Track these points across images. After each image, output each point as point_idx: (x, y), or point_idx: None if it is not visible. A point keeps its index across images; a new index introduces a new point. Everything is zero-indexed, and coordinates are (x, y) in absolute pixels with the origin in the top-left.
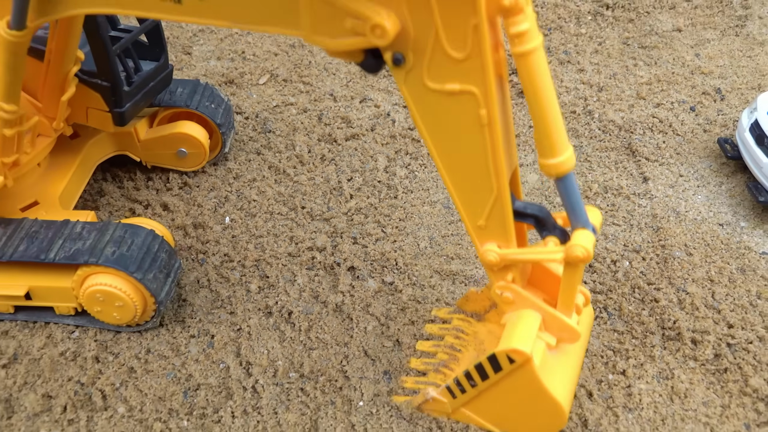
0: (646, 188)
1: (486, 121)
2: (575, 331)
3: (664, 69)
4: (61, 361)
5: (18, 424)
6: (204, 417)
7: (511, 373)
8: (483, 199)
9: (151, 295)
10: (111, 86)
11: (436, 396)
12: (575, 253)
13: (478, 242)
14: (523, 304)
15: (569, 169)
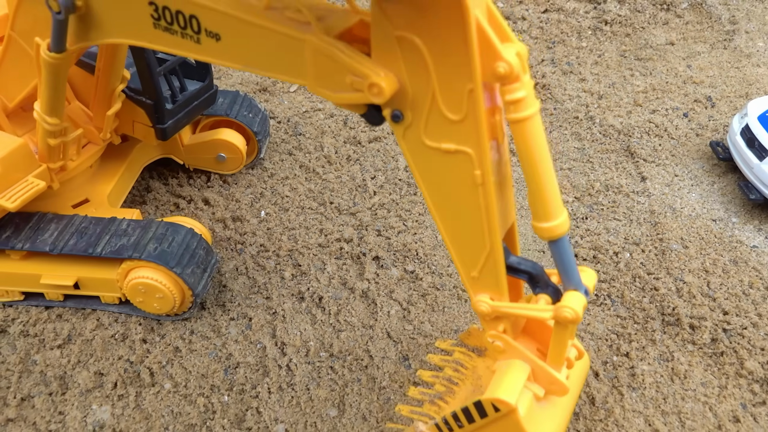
0: (644, 187)
1: (480, 181)
2: (563, 386)
3: (659, 79)
4: (111, 341)
5: (71, 399)
6: (243, 392)
7: (496, 420)
8: (476, 253)
9: (189, 289)
10: (154, 104)
11: (425, 431)
12: (563, 314)
13: (471, 292)
14: (513, 355)
15: (563, 233)
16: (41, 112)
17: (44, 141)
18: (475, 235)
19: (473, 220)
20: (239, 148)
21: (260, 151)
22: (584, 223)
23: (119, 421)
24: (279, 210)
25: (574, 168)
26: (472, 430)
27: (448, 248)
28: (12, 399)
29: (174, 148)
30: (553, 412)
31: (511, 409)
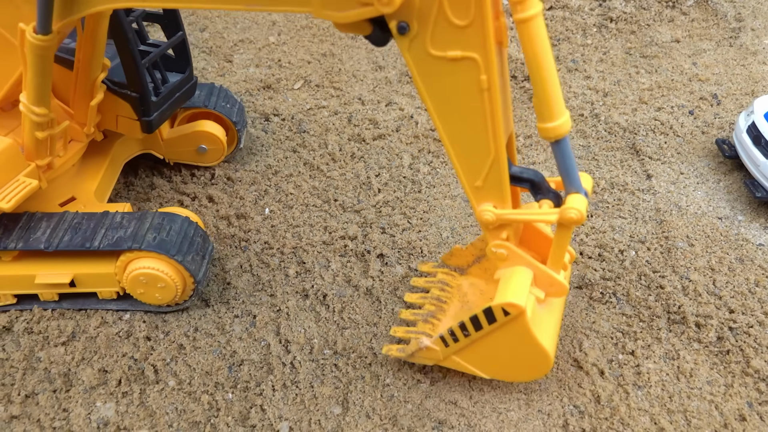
0: (649, 185)
1: (486, 86)
2: (564, 286)
3: (664, 76)
4: (115, 339)
5: (75, 396)
6: (247, 390)
7: (504, 325)
8: (481, 161)
9: (190, 276)
10: (140, 97)
11: (429, 345)
12: (569, 215)
13: (475, 202)
14: (516, 261)
15: (565, 133)
16: (28, 103)
17: (32, 135)
18: (480, 142)
19: (478, 127)
20: (220, 138)
21: (239, 140)
22: (589, 220)
23: (123, 418)
24: (283, 207)
25: (580, 165)
26: (478, 337)
27: (452, 160)
28: (16, 396)
29: (154, 143)
30: (550, 313)
31: (520, 311)
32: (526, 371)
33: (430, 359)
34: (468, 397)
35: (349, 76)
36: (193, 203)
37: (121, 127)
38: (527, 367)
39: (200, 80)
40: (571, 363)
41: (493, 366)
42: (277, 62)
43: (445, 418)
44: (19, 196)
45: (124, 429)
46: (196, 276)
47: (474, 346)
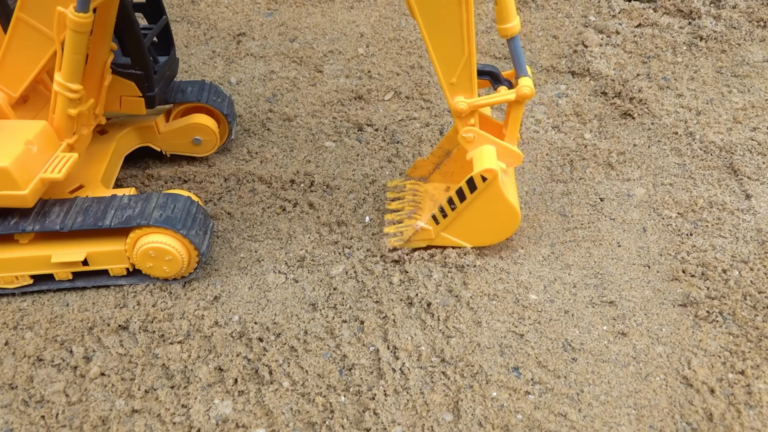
0: (749, 204)
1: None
2: (519, 155)
3: (758, 96)
4: (229, 338)
5: (194, 393)
6: (359, 394)
7: (482, 191)
8: (456, 61)
9: (194, 248)
10: (144, 74)
11: (424, 226)
12: (524, 92)
13: (449, 96)
14: (482, 141)
15: (516, 32)
16: (65, 81)
17: (64, 113)
18: (457, 46)
19: (457, 33)
20: (213, 130)
21: (230, 132)
22: (689, 239)
23: (241, 416)
24: (382, 216)
25: (676, 184)
26: (462, 208)
27: (434, 64)
28: (137, 390)
29: (152, 137)
30: (511, 180)
31: (494, 174)
32: (501, 230)
33: (424, 240)
34: (577, 410)
35: (438, 88)
36: (295, 209)
37: (125, 107)
38: (502, 226)
39: (292, 89)
40: (681, 380)
41: (475, 234)
42: (367, 73)
43: (556, 430)
44: (67, 166)
45: (243, 426)
46: (200, 248)
47: (459, 219)
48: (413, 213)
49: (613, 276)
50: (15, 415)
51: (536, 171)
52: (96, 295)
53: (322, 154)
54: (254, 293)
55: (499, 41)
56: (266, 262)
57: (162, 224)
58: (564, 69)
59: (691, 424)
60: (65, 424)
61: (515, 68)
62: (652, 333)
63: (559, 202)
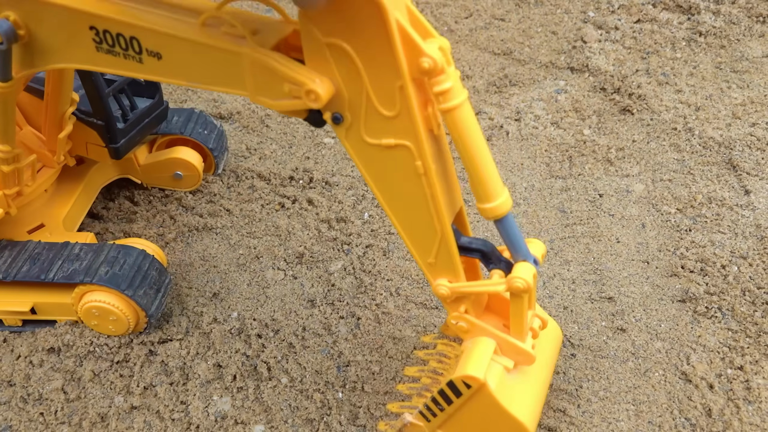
0: (748, 200)
1: (422, 171)
2: (529, 354)
3: (757, 92)
4: (228, 335)
5: (193, 390)
6: (355, 390)
7: (471, 398)
8: (429, 240)
9: (142, 310)
10: (105, 124)
11: (412, 420)
12: (515, 285)
13: (431, 278)
14: (478, 332)
15: (506, 212)
16: None
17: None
18: (426, 223)
19: (421, 209)
20: (195, 165)
21: (217, 167)
22: (689, 235)
23: (240, 413)
24: (381, 212)
25: (675, 179)
26: (452, 411)
27: (403, 239)
28: (135, 387)
29: (131, 168)
30: (525, 383)
31: (480, 384)
32: None
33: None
34: (576, 406)
35: None
36: (294, 206)
37: (92, 154)
38: None
39: None
40: (680, 376)
41: None
42: None
43: (555, 426)
44: None
45: (241, 423)
46: (148, 310)
47: (453, 420)
48: (426, 389)
49: (612, 272)
50: (14, 412)
51: (535, 167)
52: None
53: (321, 150)
54: (253, 290)
55: (499, 37)
56: (265, 259)
57: (106, 283)
58: (563, 65)
59: (690, 419)
60: (64, 420)
61: (510, 252)
62: (651, 329)
63: (558, 198)
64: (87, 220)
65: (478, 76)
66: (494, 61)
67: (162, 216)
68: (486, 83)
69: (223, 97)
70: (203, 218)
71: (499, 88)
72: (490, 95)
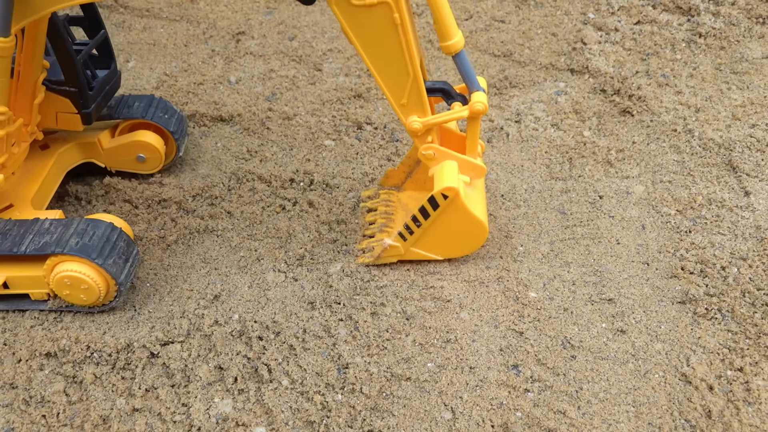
0: (747, 201)
1: (399, 22)
2: (482, 168)
3: (757, 93)
4: (229, 337)
5: (194, 392)
6: (354, 392)
7: (446, 208)
8: (403, 83)
9: (112, 278)
10: (78, 91)
11: (391, 243)
12: (476, 108)
13: (403, 117)
14: (443, 157)
15: (460, 48)
16: None
17: None
18: (401, 68)
19: (398, 56)
20: (157, 148)
21: (179, 149)
22: (688, 236)
23: (241, 415)
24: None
25: (675, 181)
26: (427, 225)
27: (382, 89)
28: (137, 389)
29: (95, 152)
30: (477, 192)
31: (455, 193)
32: (470, 243)
33: (395, 256)
34: (576, 407)
35: None
36: (294, 208)
37: (61, 123)
38: (470, 239)
39: (291, 88)
40: (679, 377)
41: (445, 247)
42: (366, 71)
43: (555, 427)
44: None
45: (242, 425)
46: (118, 278)
47: (426, 234)
48: (385, 226)
49: (612, 273)
50: (16, 415)
51: (535, 169)
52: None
53: (321, 152)
54: (254, 292)
55: (499, 39)
56: (266, 261)
57: (77, 253)
58: (563, 66)
59: (690, 421)
60: (66, 423)
61: (466, 84)
62: (651, 330)
63: (559, 199)
64: None
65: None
66: (494, 62)
67: (163, 218)
68: (486, 85)
69: (224, 99)
70: (204, 220)
71: (500, 90)
72: (491, 97)
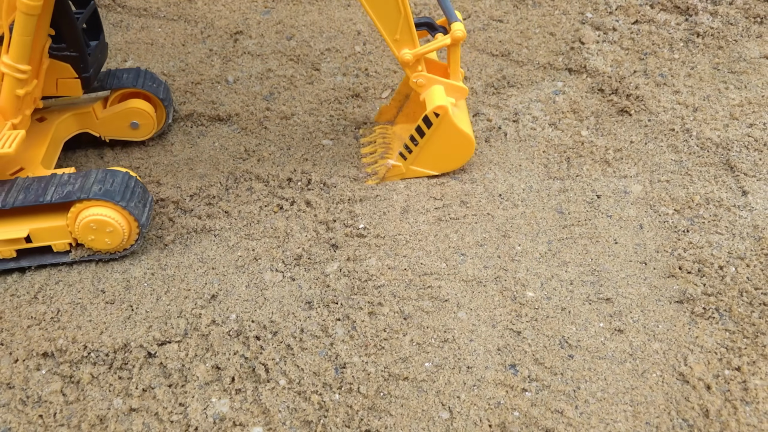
0: (745, 201)
1: None
2: (465, 89)
3: (755, 92)
4: (226, 337)
5: (191, 392)
6: (351, 392)
7: (438, 125)
8: (395, 20)
9: (135, 220)
10: (79, 55)
11: (394, 163)
12: (457, 35)
13: (396, 51)
14: (431, 83)
15: None
16: (14, 62)
17: (12, 94)
18: (393, 7)
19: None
20: (150, 114)
21: (168, 116)
22: (686, 235)
23: (238, 414)
24: (379, 214)
25: (672, 180)
26: (423, 143)
27: (378, 29)
28: (134, 389)
29: (90, 122)
30: (462, 111)
31: (445, 110)
32: (461, 155)
33: (398, 174)
34: (574, 407)
35: None
36: (292, 207)
37: (62, 89)
38: (460, 152)
39: (289, 87)
40: (677, 377)
41: (439, 162)
42: (364, 71)
43: (552, 427)
44: (17, 141)
45: (240, 425)
46: (140, 220)
47: (423, 151)
48: (384, 153)
49: (610, 273)
50: (13, 414)
51: (533, 168)
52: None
53: (319, 152)
54: (251, 291)
55: (497, 39)
56: (263, 261)
57: (101, 197)
58: (561, 66)
59: (688, 420)
60: (63, 423)
61: (445, 15)
62: (649, 330)
63: (556, 199)
64: None
65: (476, 78)
66: (492, 62)
67: (160, 218)
68: (484, 84)
69: (221, 98)
70: (201, 220)
71: (497, 90)
72: (488, 96)
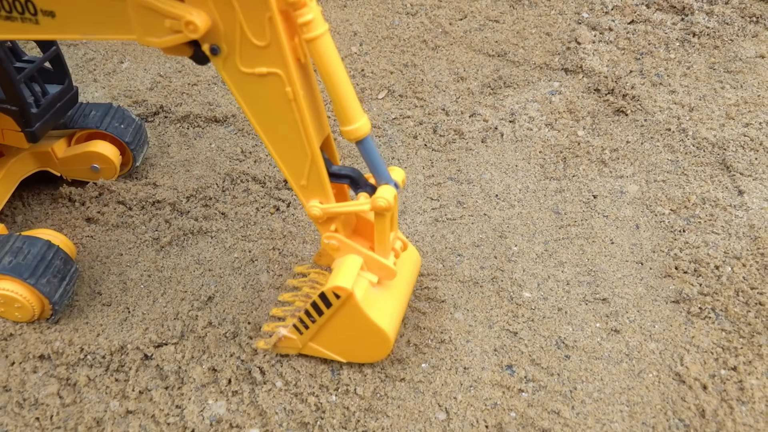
0: (741, 201)
1: (292, 97)
2: (391, 270)
3: (750, 92)
4: (223, 339)
5: (188, 394)
6: (347, 393)
7: (340, 308)
8: (301, 163)
9: (45, 297)
10: (19, 110)
11: (286, 334)
12: (378, 204)
13: (304, 200)
14: (347, 250)
15: (365, 134)
16: None
17: None
18: (297, 146)
19: (293, 133)
20: (111, 158)
21: (135, 159)
22: (682, 235)
23: (235, 416)
24: None
25: (669, 180)
26: (323, 322)
27: (278, 165)
28: (131, 391)
29: (49, 161)
30: (387, 296)
31: (348, 294)
32: (372, 352)
33: (292, 348)
34: (570, 407)
35: (431, 86)
36: (289, 209)
37: (8, 140)
38: (371, 347)
39: None
40: (673, 377)
41: (346, 349)
42: (360, 72)
43: (549, 427)
44: None
45: (236, 427)
46: (51, 298)
47: (323, 331)
48: (299, 311)
49: (606, 273)
50: (10, 417)
51: (529, 168)
52: None
53: None
54: (248, 293)
55: (493, 39)
56: (260, 262)
57: (9, 272)
58: (557, 66)
59: (684, 420)
60: (60, 425)
61: (373, 174)
62: (645, 330)
63: (553, 199)
64: (81, 223)
65: (473, 78)
66: (488, 62)
67: (157, 220)
68: (480, 85)
69: (218, 100)
70: (198, 222)
71: (494, 90)
72: (485, 97)
